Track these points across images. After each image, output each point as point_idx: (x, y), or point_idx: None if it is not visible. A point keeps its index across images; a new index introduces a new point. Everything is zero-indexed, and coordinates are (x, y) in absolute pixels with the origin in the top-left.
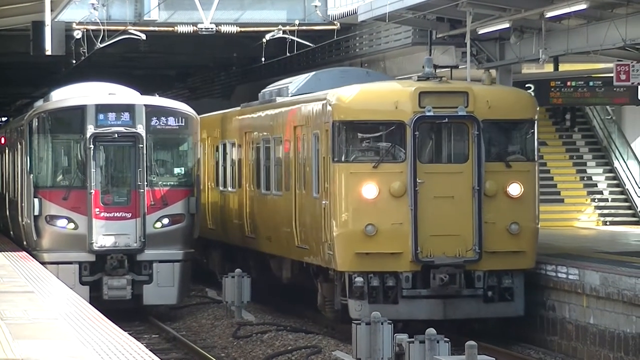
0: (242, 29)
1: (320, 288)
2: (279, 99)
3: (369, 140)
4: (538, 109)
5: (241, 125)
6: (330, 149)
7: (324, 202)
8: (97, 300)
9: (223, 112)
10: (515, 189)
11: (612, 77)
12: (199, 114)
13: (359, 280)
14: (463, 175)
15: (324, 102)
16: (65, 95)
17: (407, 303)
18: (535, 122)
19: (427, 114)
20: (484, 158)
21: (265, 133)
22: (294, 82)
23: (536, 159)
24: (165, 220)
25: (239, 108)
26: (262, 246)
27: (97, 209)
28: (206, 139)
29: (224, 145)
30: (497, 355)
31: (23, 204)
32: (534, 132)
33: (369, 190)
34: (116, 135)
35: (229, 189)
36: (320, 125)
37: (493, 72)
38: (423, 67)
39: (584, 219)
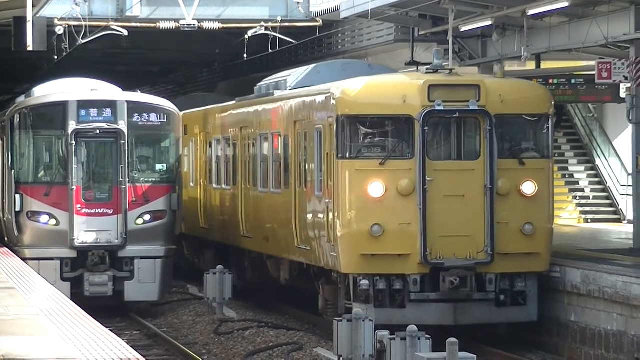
0: (225, 26)
1: (322, 291)
2: (277, 93)
3: (376, 135)
4: (553, 102)
5: (237, 119)
6: (335, 145)
7: (327, 200)
8: (78, 296)
9: (216, 106)
10: (529, 188)
11: (594, 74)
12: (188, 109)
13: (364, 283)
14: (474, 172)
15: (328, 95)
16: (47, 91)
17: (415, 307)
18: (550, 117)
19: (437, 108)
20: (496, 155)
21: (263, 128)
22: (293, 75)
23: (551, 156)
24: (147, 217)
25: (234, 102)
26: (259, 246)
27: (79, 205)
28: (198, 135)
29: (218, 141)
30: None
31: (4, 200)
32: (548, 127)
33: (376, 188)
34: (98, 132)
35: (223, 186)
36: (323, 119)
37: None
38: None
39: (566, 217)
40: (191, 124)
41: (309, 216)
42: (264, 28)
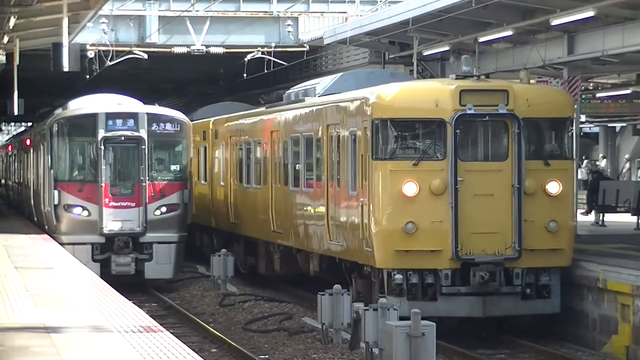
0: (228, 50)
1: (355, 284)
2: (308, 99)
3: (409, 138)
4: (575, 107)
5: (267, 124)
6: (370, 147)
7: (362, 199)
8: (106, 275)
9: (245, 112)
10: (554, 187)
11: None
12: (216, 116)
13: (398, 277)
14: (502, 173)
15: (363, 100)
16: (81, 105)
17: (446, 300)
18: (573, 120)
19: (468, 111)
20: (524, 156)
21: (293, 131)
22: (321, 83)
23: (574, 157)
24: (163, 209)
25: (263, 108)
26: (289, 240)
27: (107, 199)
28: (228, 138)
29: (247, 144)
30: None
31: (45, 195)
32: (571, 130)
33: (409, 187)
34: (123, 138)
35: (253, 185)
36: (358, 123)
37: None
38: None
39: None
40: (221, 129)
41: (342, 213)
42: (260, 52)
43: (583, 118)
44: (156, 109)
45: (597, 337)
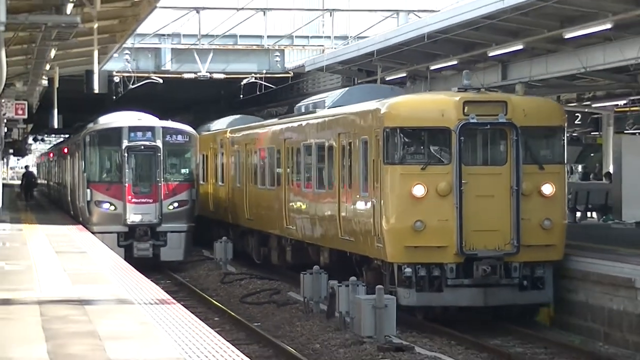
0: (227, 76)
1: (365, 276)
2: (319, 111)
3: (417, 144)
4: (566, 116)
5: (280, 133)
6: (382, 152)
7: (373, 200)
8: (129, 257)
9: (260, 123)
10: (548, 189)
11: None
12: (230, 127)
13: (408, 270)
14: (502, 176)
15: (374, 110)
16: (108, 120)
17: (451, 291)
18: (564, 128)
19: (471, 121)
20: (521, 161)
21: (306, 139)
22: (330, 97)
23: (565, 162)
24: (175, 204)
25: (276, 119)
26: (302, 235)
27: (129, 197)
28: (244, 146)
29: (262, 150)
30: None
31: (79, 193)
32: (563, 137)
33: (418, 189)
34: (142, 147)
35: (268, 186)
36: (369, 131)
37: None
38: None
39: None
40: (237, 137)
41: (354, 212)
42: (253, 77)
43: None
44: (169, 124)
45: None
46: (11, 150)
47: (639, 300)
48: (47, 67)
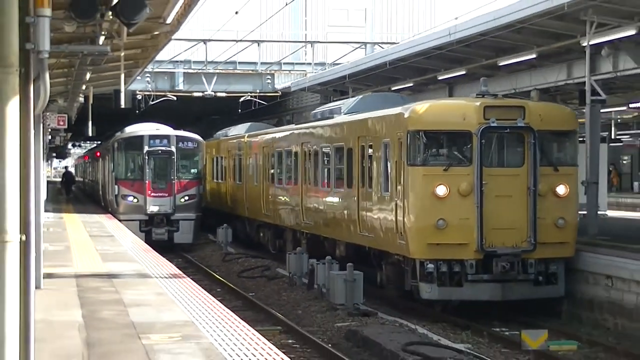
0: (228, 94)
1: (385, 269)
2: (337, 117)
3: (440, 147)
4: (578, 121)
5: (297, 137)
6: (406, 154)
7: (396, 199)
8: (148, 240)
9: (276, 129)
10: (562, 190)
11: None
12: (247, 132)
13: (430, 266)
14: (520, 177)
15: (398, 114)
16: (132, 130)
17: (471, 286)
18: (577, 132)
19: (492, 124)
20: (538, 163)
21: (324, 142)
22: (345, 104)
23: (577, 164)
24: (186, 198)
25: (293, 125)
26: (318, 230)
27: (149, 191)
28: (261, 149)
29: (279, 153)
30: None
31: (109, 188)
32: (576, 141)
33: (440, 189)
34: (160, 152)
35: (285, 185)
36: (392, 134)
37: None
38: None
39: None
40: (255, 142)
41: (374, 210)
42: (249, 96)
43: None
44: (181, 133)
45: None
46: (54, 154)
47: None
48: (84, 87)
